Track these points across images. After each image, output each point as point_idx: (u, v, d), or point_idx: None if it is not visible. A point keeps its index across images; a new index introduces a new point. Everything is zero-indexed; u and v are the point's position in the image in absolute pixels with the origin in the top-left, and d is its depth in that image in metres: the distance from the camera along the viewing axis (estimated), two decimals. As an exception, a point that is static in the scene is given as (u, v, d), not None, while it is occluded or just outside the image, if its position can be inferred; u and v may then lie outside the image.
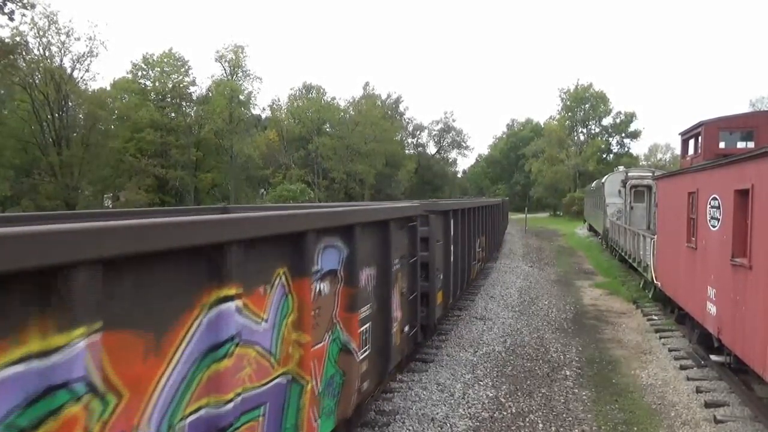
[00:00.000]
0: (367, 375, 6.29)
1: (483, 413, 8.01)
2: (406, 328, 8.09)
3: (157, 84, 49.90)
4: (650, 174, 25.21)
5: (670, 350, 11.07)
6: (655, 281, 14.17)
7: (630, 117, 76.98)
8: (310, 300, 4.57)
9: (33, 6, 33.12)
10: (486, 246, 19.10)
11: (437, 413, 7.86)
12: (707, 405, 8.20)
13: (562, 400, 8.61)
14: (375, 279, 6.49)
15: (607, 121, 77.34)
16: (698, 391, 8.78)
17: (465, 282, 14.20)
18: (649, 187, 24.73)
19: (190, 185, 48.74)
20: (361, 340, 5.96)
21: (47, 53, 39.92)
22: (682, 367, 9.96)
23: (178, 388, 3.09)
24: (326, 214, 4.89)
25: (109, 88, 50.57)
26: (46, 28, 38.90)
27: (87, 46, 43.15)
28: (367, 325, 6.20)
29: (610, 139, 78.01)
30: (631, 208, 25.68)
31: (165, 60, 49.81)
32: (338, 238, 5.22)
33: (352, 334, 5.61)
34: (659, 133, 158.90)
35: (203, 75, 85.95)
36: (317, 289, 4.80)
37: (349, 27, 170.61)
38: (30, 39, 37.96)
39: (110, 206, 45.94)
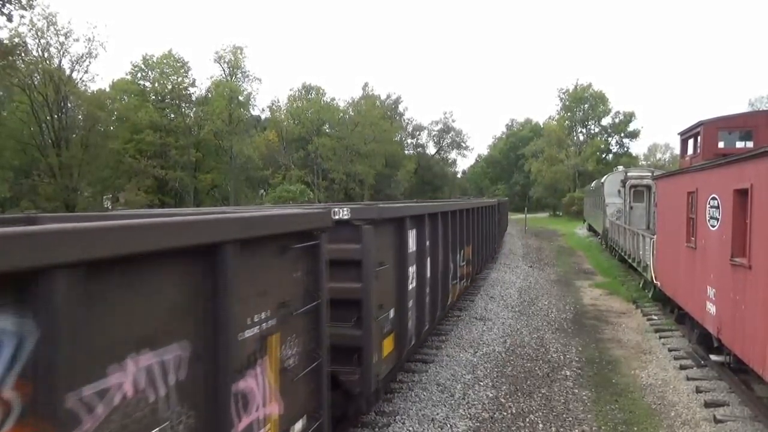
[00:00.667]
0: None
1: (483, 414, 8.01)
2: (298, 426, 4.63)
3: (156, 85, 49.91)
4: (649, 174, 25.23)
5: (669, 350, 11.07)
6: (654, 281, 14.18)
7: (629, 117, 77.02)
8: None
9: (32, 7, 33.10)
10: (475, 258, 15.74)
11: (437, 414, 7.87)
12: (707, 405, 8.20)
13: (562, 401, 8.61)
14: (187, 368, 3.17)
15: (606, 121, 77.42)
16: (698, 390, 8.78)
17: (438, 311, 10.52)
18: (648, 187, 24.74)
19: (190, 186, 48.74)
20: None
21: (46, 54, 39.90)
22: (682, 367, 9.97)
23: None
24: None
25: (108, 89, 50.61)
26: (45, 29, 38.90)
27: (86, 47, 43.00)
28: None
29: (610, 139, 78.04)
30: (631, 207, 25.69)
31: (164, 61, 49.82)
32: None
33: None
34: (658, 132, 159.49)
35: (203, 76, 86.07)
36: None
37: (348, 28, 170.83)
38: (29, 40, 37.94)
39: (110, 207, 45.93)
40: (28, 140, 40.61)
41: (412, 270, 8.43)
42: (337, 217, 6.05)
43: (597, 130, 77.53)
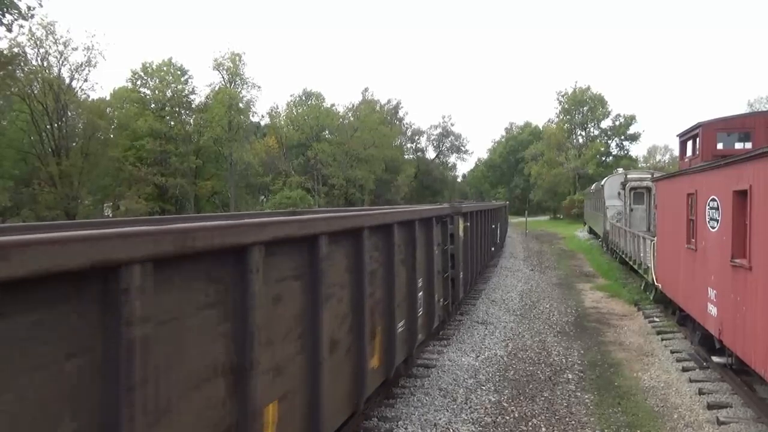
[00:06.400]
0: None
1: (486, 418, 7.99)
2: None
3: (156, 93, 50.05)
4: (649, 176, 25.23)
5: (672, 352, 11.06)
6: (655, 283, 14.17)
7: (629, 120, 77.12)
8: None
9: (32, 16, 33.18)
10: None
11: (440, 419, 7.85)
12: (710, 406, 8.19)
13: (565, 404, 8.59)
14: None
15: (606, 123, 77.57)
16: (701, 392, 8.77)
17: None
18: (648, 189, 24.74)
19: (190, 193, 48.79)
20: None
21: (45, 63, 40.13)
22: (684, 369, 9.95)
23: None
24: None
25: (108, 97, 50.76)
26: (44, 38, 39.09)
27: (85, 56, 43.17)
28: None
29: (610, 141, 78.10)
30: (631, 210, 25.68)
31: (164, 69, 49.98)
32: None
33: None
34: (658, 134, 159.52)
35: (202, 83, 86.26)
36: None
37: (348, 34, 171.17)
38: (28, 50, 38.13)
39: (110, 215, 45.93)
40: (28, 149, 40.74)
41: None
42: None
43: (597, 132, 77.64)
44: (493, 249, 21.10)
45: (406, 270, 7.74)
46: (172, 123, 49.71)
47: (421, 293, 8.57)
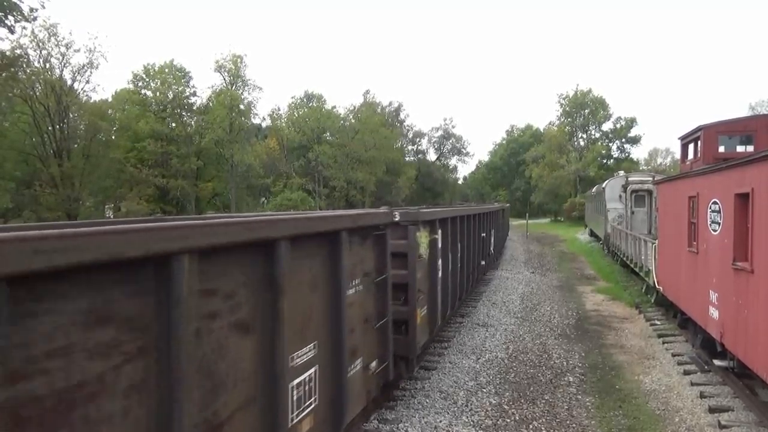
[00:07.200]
0: None
1: (486, 421, 7.98)
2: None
3: (158, 94, 50.12)
4: (650, 178, 25.22)
5: (673, 355, 11.04)
6: (657, 286, 14.15)
7: (630, 122, 77.13)
8: None
9: (34, 18, 33.23)
10: None
11: (440, 421, 7.84)
12: (711, 410, 8.17)
13: (566, 407, 8.58)
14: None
15: (607, 126, 77.60)
16: (702, 396, 8.75)
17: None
18: (649, 192, 24.73)
19: (191, 194, 48.81)
20: None
21: (47, 65, 40.09)
22: (686, 372, 9.93)
23: None
24: None
25: (110, 99, 50.83)
26: (46, 40, 39.10)
27: (87, 57, 43.12)
28: None
29: (611, 144, 78.12)
30: (632, 212, 25.66)
31: (165, 70, 50.06)
32: None
33: None
34: (659, 137, 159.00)
35: (204, 84, 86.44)
36: None
37: (350, 36, 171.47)
38: (30, 51, 38.14)
39: (112, 217, 45.96)
40: (30, 151, 40.77)
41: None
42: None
43: (598, 135, 77.69)
44: (483, 263, 17.40)
45: (254, 343, 3.82)
46: (174, 125, 49.74)
47: (308, 374, 4.58)
